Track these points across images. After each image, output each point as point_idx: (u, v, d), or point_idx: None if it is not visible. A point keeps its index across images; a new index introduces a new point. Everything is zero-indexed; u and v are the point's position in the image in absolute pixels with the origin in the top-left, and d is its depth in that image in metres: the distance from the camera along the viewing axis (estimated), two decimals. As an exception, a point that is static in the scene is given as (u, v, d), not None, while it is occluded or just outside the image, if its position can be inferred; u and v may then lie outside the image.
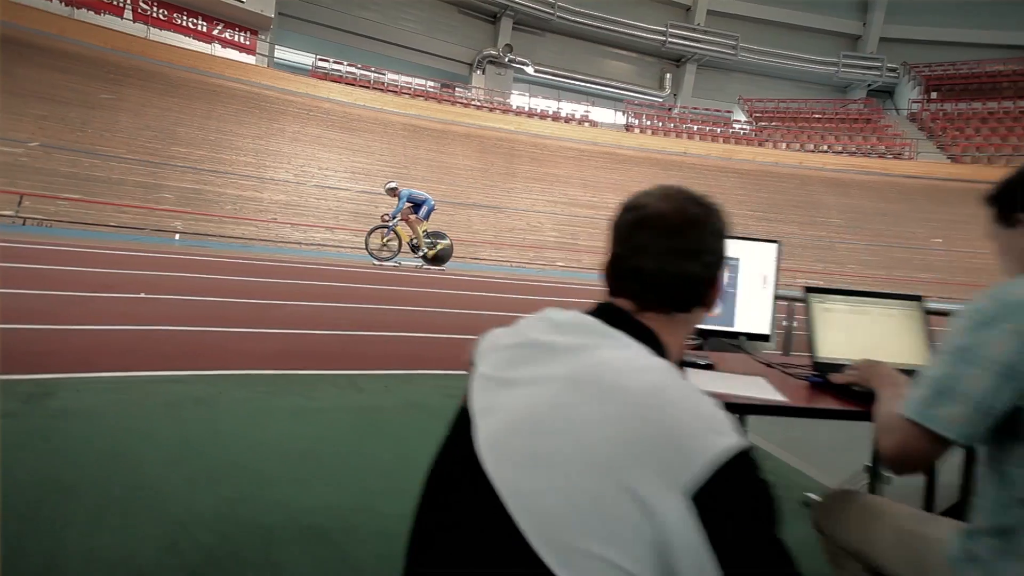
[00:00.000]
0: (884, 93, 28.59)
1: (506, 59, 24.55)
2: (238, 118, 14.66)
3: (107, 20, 14.37)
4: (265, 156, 14.08)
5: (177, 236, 10.93)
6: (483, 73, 24.65)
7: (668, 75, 28.10)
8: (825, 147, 21.76)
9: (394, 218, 9.68)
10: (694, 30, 26.94)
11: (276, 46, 19.55)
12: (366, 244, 9.56)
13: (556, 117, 21.43)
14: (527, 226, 15.40)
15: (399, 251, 9.81)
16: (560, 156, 18.76)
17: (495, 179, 16.88)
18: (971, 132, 22.18)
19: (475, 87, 23.01)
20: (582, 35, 26.34)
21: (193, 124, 13.76)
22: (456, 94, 21.36)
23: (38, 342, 3.21)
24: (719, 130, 23.04)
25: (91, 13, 14.11)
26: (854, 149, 21.59)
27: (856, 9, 28.92)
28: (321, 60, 19.29)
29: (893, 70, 28.14)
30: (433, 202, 9.96)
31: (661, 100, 27.10)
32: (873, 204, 18.40)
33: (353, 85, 18.35)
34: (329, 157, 15.14)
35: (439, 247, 9.98)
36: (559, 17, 24.63)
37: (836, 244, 16.74)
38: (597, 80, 26.91)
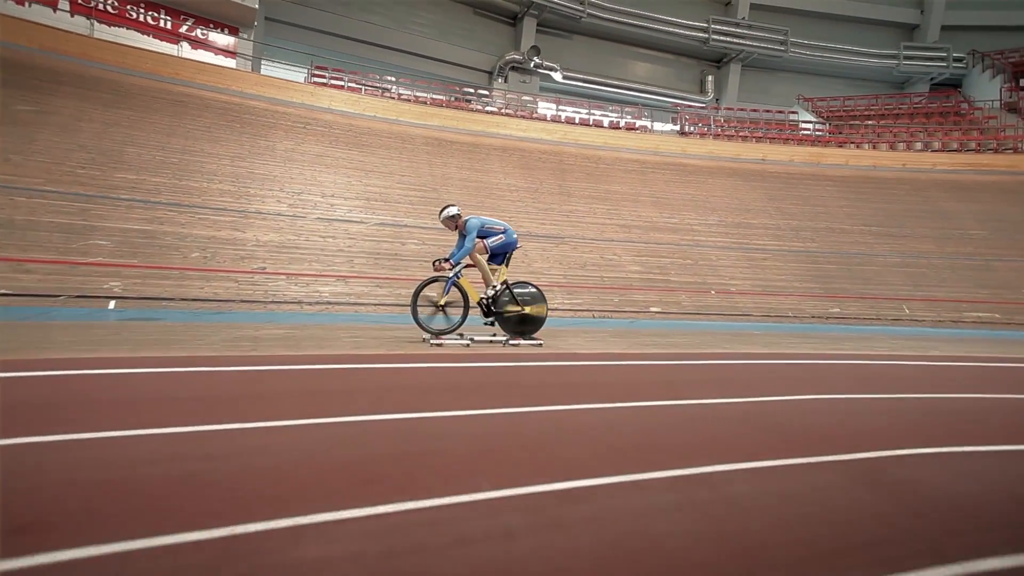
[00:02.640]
0: (946, 87, 25.43)
1: (531, 64, 21.22)
2: (212, 134, 10.98)
3: (36, 12, 10.82)
4: (248, 181, 10.34)
5: (112, 304, 7.08)
6: (505, 81, 21.29)
7: (710, 77, 24.87)
8: (920, 145, 18.25)
9: (457, 264, 5.89)
10: (738, 25, 23.82)
11: (262, 55, 16.08)
12: (413, 308, 5.76)
13: (598, 124, 17.90)
14: (601, 260, 11.61)
15: (466, 316, 6.00)
16: (618, 169, 15.13)
17: (547, 200, 13.17)
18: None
19: (508, 92, 19.54)
20: (613, 36, 23.17)
21: (149, 142, 10.05)
22: (485, 100, 17.88)
23: None
24: (785, 132, 19.54)
25: (11, 3, 10.57)
26: (956, 146, 18.09)
27: (912, -4, 26.04)
28: (319, 69, 15.83)
29: (959, 60, 25.06)
30: (515, 235, 6.18)
31: (703, 105, 23.76)
32: (1015, 209, 14.75)
33: (360, 93, 14.79)
34: (335, 181, 11.42)
35: (526, 307, 6.20)
36: (589, 14, 21.42)
37: (992, 263, 12.99)
38: (633, 86, 23.61)
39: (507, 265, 6.21)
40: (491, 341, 6.01)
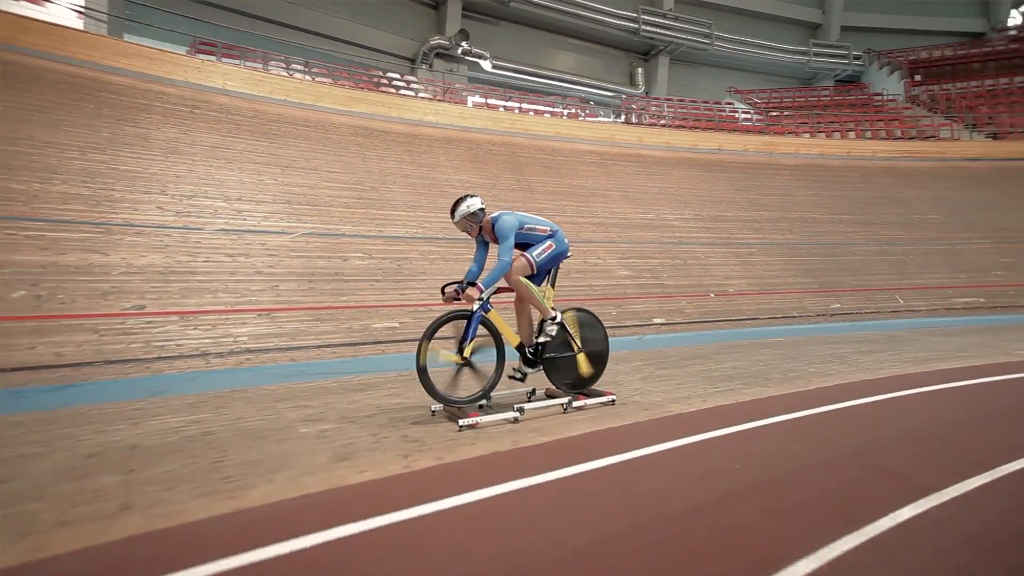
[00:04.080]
0: (847, 83, 26.81)
1: (459, 50, 19.07)
2: (49, 116, 7.69)
3: None
4: (110, 181, 7.26)
5: None
6: (430, 68, 18.96)
7: (639, 70, 24.19)
8: (852, 135, 18.45)
9: (486, 287, 3.67)
10: (666, 16, 23.29)
11: (123, 17, 12.55)
12: (419, 362, 3.43)
13: (540, 114, 16.13)
14: (586, 265, 9.76)
15: (501, 371, 3.82)
16: (578, 161, 13.43)
17: (509, 197, 11.13)
18: (990, 109, 20.02)
19: (445, 74, 17.23)
20: (543, 24, 21.62)
21: (-61, 127, 6.67)
22: (416, 88, 15.48)
23: None
24: (729, 122, 19.01)
25: None
26: (884, 134, 18.48)
27: (815, -4, 27.18)
28: (204, 44, 12.60)
29: (857, 57, 26.51)
30: (566, 241, 4.06)
31: (636, 97, 22.95)
32: (958, 194, 14.96)
33: (265, 71, 11.83)
34: (241, 179, 8.56)
35: (586, 345, 4.17)
36: (518, -2, 19.65)
37: (957, 247, 12.83)
38: (565, 77, 22.23)
39: (554, 284, 4.08)
40: (541, 405, 3.87)
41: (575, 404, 3.85)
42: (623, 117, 18.17)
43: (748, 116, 19.74)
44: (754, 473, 2.73)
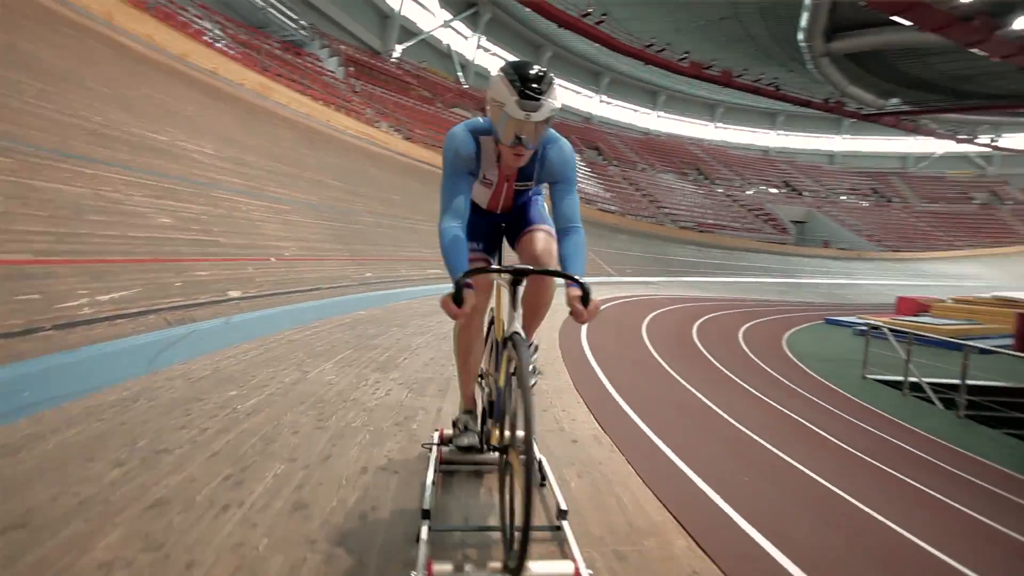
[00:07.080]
0: (296, 46, 27.94)
1: None
2: None
3: None
4: None
5: None
6: None
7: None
8: (322, 102, 19.27)
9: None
10: None
11: None
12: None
13: None
14: (102, 201, 6.04)
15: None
16: (23, 15, 7.87)
17: (38, 76, 5.31)
18: (403, 115, 25.57)
19: None
20: None
21: None
22: None
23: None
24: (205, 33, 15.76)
25: None
26: (344, 112, 20.30)
27: (273, -59, 26.26)
28: None
29: (304, 28, 28.01)
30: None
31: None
32: (405, 181, 18.46)
33: None
34: None
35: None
36: None
37: (416, 226, 15.96)
38: None
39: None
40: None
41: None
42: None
43: (222, 39, 17.07)
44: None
